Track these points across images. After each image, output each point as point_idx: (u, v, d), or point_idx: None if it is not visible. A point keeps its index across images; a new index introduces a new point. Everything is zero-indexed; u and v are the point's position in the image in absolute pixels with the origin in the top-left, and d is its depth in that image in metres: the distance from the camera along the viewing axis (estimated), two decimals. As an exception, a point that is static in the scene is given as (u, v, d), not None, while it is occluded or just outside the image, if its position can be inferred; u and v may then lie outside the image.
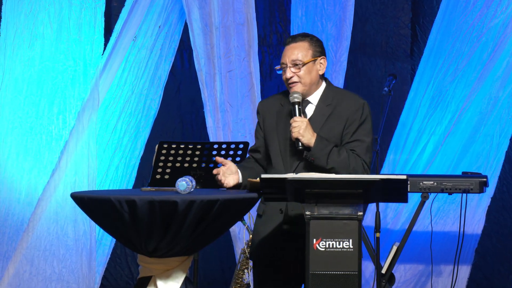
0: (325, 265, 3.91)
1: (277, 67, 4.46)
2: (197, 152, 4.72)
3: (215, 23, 6.30)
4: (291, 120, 4.30)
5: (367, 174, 4.32)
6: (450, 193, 5.74)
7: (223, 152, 4.77)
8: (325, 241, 3.93)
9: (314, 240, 3.93)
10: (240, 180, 4.33)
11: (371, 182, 3.89)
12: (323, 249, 3.93)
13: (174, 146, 4.67)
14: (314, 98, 4.41)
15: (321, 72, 4.41)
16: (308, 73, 4.37)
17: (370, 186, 3.90)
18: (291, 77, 4.37)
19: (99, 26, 6.27)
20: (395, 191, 3.96)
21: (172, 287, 4.13)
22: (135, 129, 6.42)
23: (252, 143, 4.61)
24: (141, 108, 6.43)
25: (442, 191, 5.63)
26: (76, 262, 6.14)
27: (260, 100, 6.35)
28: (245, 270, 5.62)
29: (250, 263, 5.59)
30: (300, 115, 4.32)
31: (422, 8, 6.75)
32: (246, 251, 5.58)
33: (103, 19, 6.28)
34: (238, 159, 4.82)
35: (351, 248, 3.92)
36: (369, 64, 6.79)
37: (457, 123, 6.34)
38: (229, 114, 6.32)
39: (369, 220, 6.17)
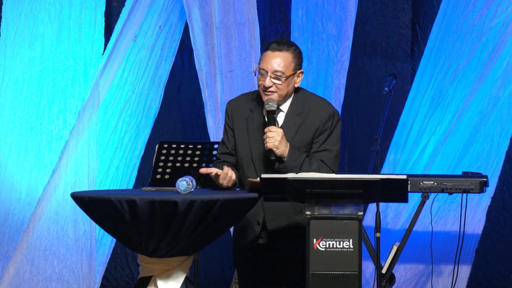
0: (325, 265, 3.91)
1: (255, 69, 4.35)
2: (197, 152, 4.72)
3: (215, 23, 6.30)
4: (266, 129, 4.23)
5: None
6: (450, 193, 5.74)
7: (223, 152, 4.76)
8: (325, 241, 3.93)
9: (314, 240, 3.93)
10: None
11: (371, 182, 3.89)
12: (323, 249, 3.93)
13: (174, 146, 4.67)
14: (285, 106, 4.36)
15: (297, 85, 4.36)
16: (286, 86, 4.30)
17: (370, 186, 3.90)
18: (270, 87, 4.28)
19: (99, 26, 6.27)
20: (395, 191, 3.97)
21: (173, 287, 4.13)
22: (136, 129, 6.41)
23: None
24: (142, 108, 6.43)
25: (442, 191, 5.63)
26: (77, 262, 6.14)
27: None
28: (246, 270, 5.61)
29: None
30: (274, 124, 4.26)
31: (422, 8, 6.75)
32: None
33: (103, 19, 6.28)
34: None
35: (351, 248, 3.92)
36: (370, 64, 6.78)
37: (458, 123, 6.33)
38: (229, 114, 6.32)
39: (369, 220, 6.17)
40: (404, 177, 3.90)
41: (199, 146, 4.73)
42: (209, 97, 6.31)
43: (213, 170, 4.25)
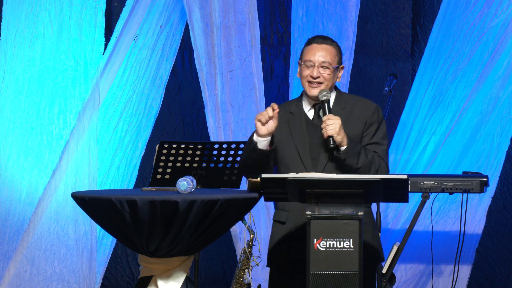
0: (326, 265, 3.91)
1: (300, 61, 4.42)
2: (198, 152, 4.72)
3: (216, 23, 6.30)
4: (325, 118, 4.27)
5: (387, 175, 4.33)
6: (450, 193, 5.73)
7: (223, 152, 4.77)
8: (326, 241, 3.93)
9: (315, 240, 3.93)
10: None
11: (371, 182, 3.89)
12: (324, 249, 3.93)
13: (174, 146, 4.67)
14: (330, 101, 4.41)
15: (338, 80, 4.44)
16: (332, 78, 4.39)
17: (370, 186, 3.90)
18: (318, 77, 4.36)
19: (99, 26, 6.27)
20: (395, 190, 3.97)
21: (173, 287, 4.13)
22: (136, 129, 6.41)
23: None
24: (143, 108, 6.43)
25: (442, 191, 5.63)
26: (77, 262, 6.14)
27: (264, 100, 6.35)
28: (246, 270, 5.61)
29: (251, 263, 5.58)
30: (330, 113, 4.31)
31: (423, 8, 6.75)
32: (247, 251, 5.58)
33: (104, 18, 6.28)
34: (238, 159, 4.82)
35: (352, 248, 3.92)
36: (370, 64, 6.78)
37: (458, 123, 6.33)
38: (230, 114, 6.33)
39: (369, 220, 6.16)
40: (405, 177, 3.90)
41: (200, 146, 4.73)
42: (209, 97, 6.31)
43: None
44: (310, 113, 4.43)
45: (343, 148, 4.26)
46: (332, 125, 4.24)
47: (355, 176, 4.01)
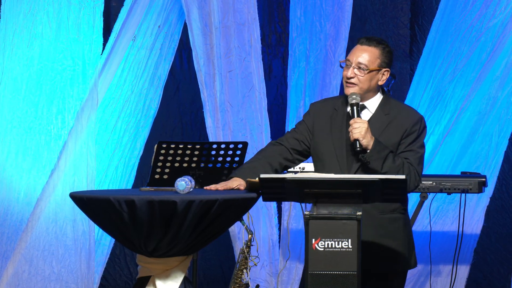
0: (324, 265, 3.91)
1: (342, 60, 4.42)
2: (196, 152, 4.72)
3: (214, 23, 6.30)
4: (352, 121, 4.26)
5: (418, 184, 4.34)
6: (449, 193, 5.74)
7: (222, 152, 4.77)
8: (324, 241, 3.93)
9: (313, 240, 3.93)
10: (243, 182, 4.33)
11: (370, 182, 3.89)
12: (322, 249, 3.93)
13: (173, 146, 4.67)
14: (371, 104, 4.40)
15: (380, 83, 4.39)
16: (368, 80, 4.35)
17: (369, 186, 3.90)
18: (351, 78, 4.34)
19: (98, 26, 6.26)
20: (394, 191, 3.97)
21: (171, 287, 4.13)
22: (135, 129, 6.41)
23: (251, 143, 4.60)
24: (141, 108, 6.42)
25: (441, 191, 5.63)
26: (75, 262, 6.14)
27: (266, 100, 6.35)
28: (244, 270, 5.62)
29: (250, 263, 5.59)
30: (359, 116, 4.30)
31: (421, 8, 6.75)
32: (245, 251, 5.58)
33: (102, 18, 6.27)
34: (237, 159, 4.82)
35: (350, 248, 3.92)
36: (368, 64, 6.78)
37: (456, 123, 6.34)
38: (229, 114, 6.32)
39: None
40: (403, 177, 3.91)
41: (198, 146, 4.72)
42: (208, 97, 6.31)
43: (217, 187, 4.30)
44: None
45: (368, 151, 4.27)
46: (358, 128, 4.23)
47: (354, 176, 4.02)
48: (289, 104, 6.46)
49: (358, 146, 4.24)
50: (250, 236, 5.52)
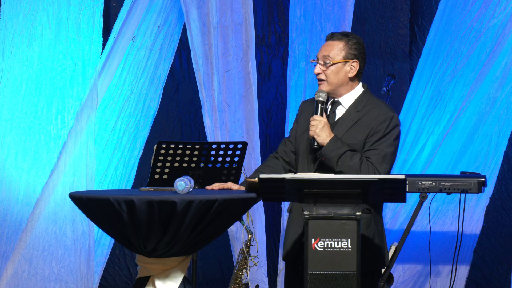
0: (324, 265, 3.91)
1: (312, 60, 4.45)
2: (196, 152, 4.72)
3: (213, 23, 6.30)
4: (311, 118, 4.32)
5: None
6: (448, 193, 5.73)
7: (221, 152, 4.76)
8: (324, 241, 3.93)
9: (313, 240, 3.93)
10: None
11: (369, 182, 3.89)
12: (322, 249, 3.93)
13: (172, 146, 4.67)
14: (347, 100, 4.41)
15: (350, 75, 4.38)
16: (335, 73, 4.36)
17: (368, 186, 3.90)
18: (318, 74, 4.37)
19: (97, 26, 6.26)
20: (393, 191, 3.97)
21: (171, 287, 4.13)
22: (134, 129, 6.42)
23: (250, 143, 4.61)
24: (141, 108, 6.43)
25: (440, 191, 5.63)
26: (75, 262, 6.14)
27: (257, 100, 6.36)
28: (244, 270, 5.62)
29: (249, 263, 5.59)
30: (322, 114, 4.32)
31: (420, 8, 6.75)
32: (245, 251, 5.58)
33: (101, 19, 6.28)
34: (236, 159, 4.82)
35: (350, 248, 3.92)
36: (368, 64, 6.76)
37: (456, 123, 6.34)
38: (226, 114, 6.32)
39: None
40: (402, 177, 3.91)
41: (197, 146, 4.72)
42: (206, 97, 6.31)
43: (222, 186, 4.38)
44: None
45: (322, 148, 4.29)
46: (314, 126, 4.29)
47: (353, 176, 4.01)
48: (289, 104, 6.46)
49: (315, 143, 4.29)
50: (249, 236, 5.52)
